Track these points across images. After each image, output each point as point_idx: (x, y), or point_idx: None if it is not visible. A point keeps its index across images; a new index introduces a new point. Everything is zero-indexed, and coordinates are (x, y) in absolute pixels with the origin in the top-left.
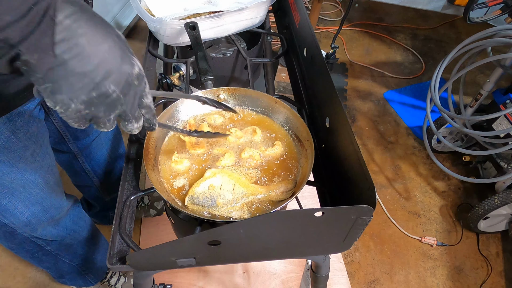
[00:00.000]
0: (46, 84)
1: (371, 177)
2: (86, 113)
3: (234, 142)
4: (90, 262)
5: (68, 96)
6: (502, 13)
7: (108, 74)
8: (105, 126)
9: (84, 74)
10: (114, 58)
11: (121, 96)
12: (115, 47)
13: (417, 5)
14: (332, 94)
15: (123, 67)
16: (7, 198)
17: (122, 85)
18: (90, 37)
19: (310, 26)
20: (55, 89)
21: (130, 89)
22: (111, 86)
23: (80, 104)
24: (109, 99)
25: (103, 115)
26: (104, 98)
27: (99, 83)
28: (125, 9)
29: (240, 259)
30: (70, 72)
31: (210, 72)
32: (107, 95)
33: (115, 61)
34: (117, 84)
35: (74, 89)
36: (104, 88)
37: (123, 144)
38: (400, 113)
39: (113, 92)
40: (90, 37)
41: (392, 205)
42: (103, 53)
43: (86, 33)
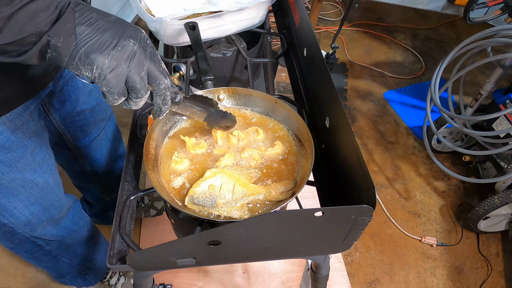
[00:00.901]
0: (79, 51)
1: (371, 177)
2: (119, 71)
3: (236, 143)
4: (90, 262)
5: (100, 53)
6: (502, 13)
7: (124, 33)
8: (141, 86)
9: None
10: (123, 24)
11: (142, 50)
12: (120, 19)
13: (417, 5)
14: (332, 94)
15: (133, 29)
16: (6, 198)
17: (139, 40)
18: (99, 13)
19: (310, 26)
20: (87, 51)
21: (147, 46)
22: (130, 40)
23: (112, 59)
24: (133, 53)
25: (135, 72)
26: (129, 52)
27: (120, 39)
28: (125, 9)
29: (240, 259)
30: (94, 36)
31: (210, 72)
32: (131, 49)
33: (125, 26)
34: (135, 39)
35: (102, 46)
36: (126, 42)
37: (123, 144)
38: (400, 113)
39: (134, 44)
40: (98, 13)
41: (392, 205)
42: (113, 21)
43: (95, 11)
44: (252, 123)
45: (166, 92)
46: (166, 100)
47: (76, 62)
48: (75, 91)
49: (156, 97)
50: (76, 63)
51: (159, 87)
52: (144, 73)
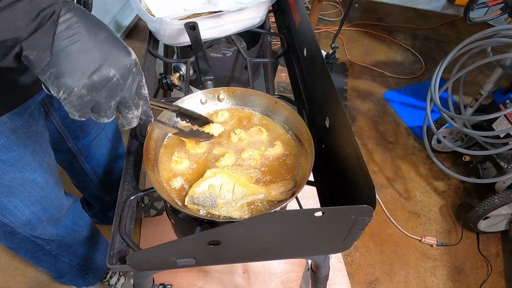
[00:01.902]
0: (51, 69)
1: (371, 177)
2: (88, 99)
3: (237, 143)
4: (90, 262)
5: (71, 79)
6: (502, 13)
7: (107, 59)
8: (106, 114)
9: (85, 58)
10: (113, 45)
11: (121, 81)
12: (112, 37)
13: (417, 5)
14: (332, 94)
15: (121, 53)
16: (7, 197)
17: (122, 70)
18: (89, 27)
19: (310, 26)
20: (58, 73)
21: (129, 75)
22: (111, 70)
23: (83, 88)
24: (110, 83)
25: (104, 101)
26: (105, 82)
27: (99, 67)
28: (125, 9)
29: (240, 259)
30: (72, 57)
31: (210, 72)
32: (108, 79)
33: (114, 48)
34: (117, 68)
35: (76, 72)
36: (105, 71)
37: (123, 144)
38: (400, 113)
39: (113, 76)
40: (89, 27)
41: (392, 205)
42: (102, 40)
43: (85, 24)
44: (252, 124)
45: (132, 120)
46: (131, 124)
47: (45, 78)
48: None
49: (122, 119)
50: (45, 79)
51: (126, 115)
52: (115, 103)
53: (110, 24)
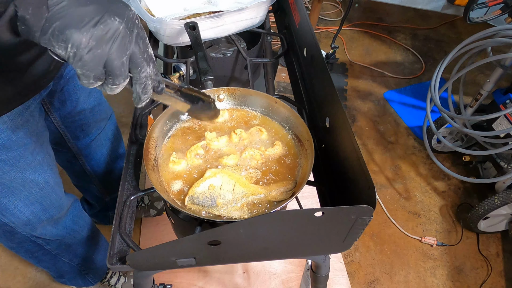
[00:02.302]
0: (53, 24)
1: (371, 177)
2: (99, 52)
3: (238, 143)
4: (90, 262)
5: (78, 29)
6: (502, 13)
7: (109, 9)
8: (120, 73)
9: (85, 9)
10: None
11: (127, 32)
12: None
13: (417, 5)
14: (332, 94)
15: (120, 4)
16: (7, 197)
17: (126, 19)
18: None
19: (310, 26)
20: (62, 25)
21: (134, 27)
22: (116, 18)
23: (91, 39)
24: (117, 32)
25: (116, 55)
26: (112, 32)
27: (103, 15)
28: None
29: (240, 259)
30: (71, 10)
31: (210, 72)
32: (115, 28)
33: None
34: (121, 17)
35: (81, 22)
36: (110, 20)
37: (123, 144)
38: (400, 113)
39: (119, 24)
40: None
41: (392, 205)
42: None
43: None
44: (252, 124)
45: (147, 81)
46: (147, 89)
47: (48, 36)
48: (76, 91)
49: (136, 84)
50: (48, 38)
51: (139, 75)
52: (126, 58)
53: None
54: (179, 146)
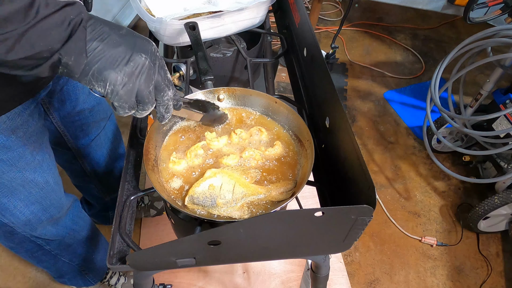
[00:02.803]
0: (92, 68)
1: (371, 177)
2: (131, 86)
3: (238, 143)
4: (90, 262)
5: (113, 70)
6: (502, 13)
7: (135, 47)
8: (149, 100)
9: (117, 51)
10: (134, 37)
11: (151, 64)
12: (130, 31)
13: (417, 5)
14: (332, 94)
15: (144, 42)
16: (6, 197)
17: (149, 54)
18: (110, 26)
19: (310, 26)
20: (99, 68)
21: (156, 59)
22: (142, 55)
23: (124, 75)
24: (144, 67)
25: (144, 86)
26: (141, 67)
27: (132, 54)
28: (125, 9)
29: (240, 259)
30: (106, 53)
31: (210, 72)
32: (142, 63)
33: (136, 38)
34: (146, 53)
35: (115, 63)
36: (138, 57)
37: (122, 144)
38: (400, 113)
39: (145, 60)
40: (110, 26)
41: (392, 205)
42: (124, 34)
43: (106, 24)
44: (252, 124)
45: (169, 103)
46: (169, 109)
47: (89, 78)
48: (75, 91)
49: (159, 106)
50: (89, 79)
51: (162, 98)
52: (152, 87)
53: None
54: (179, 146)
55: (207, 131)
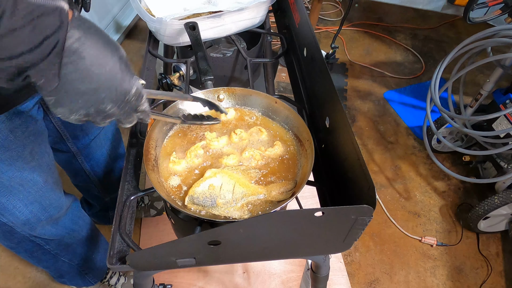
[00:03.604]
0: (50, 97)
1: (371, 177)
2: (84, 120)
3: (238, 143)
4: (89, 261)
5: (69, 110)
6: (502, 13)
7: (107, 95)
8: (101, 124)
9: (85, 93)
10: (114, 80)
11: (117, 111)
12: (116, 69)
13: (417, 5)
14: (332, 94)
15: (122, 87)
16: (5, 196)
17: (119, 103)
18: (94, 59)
19: (310, 26)
20: (57, 102)
21: (126, 105)
22: (109, 104)
23: (79, 115)
24: (106, 113)
25: (99, 121)
26: (101, 113)
27: (98, 102)
28: (125, 9)
29: (240, 259)
30: (72, 91)
31: (210, 72)
32: (105, 111)
33: (115, 83)
34: (115, 102)
35: (74, 106)
36: (102, 106)
37: (122, 144)
38: (400, 113)
39: (110, 108)
40: (94, 59)
41: (392, 205)
42: (104, 75)
43: (91, 55)
44: (252, 124)
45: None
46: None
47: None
48: None
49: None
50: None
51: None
52: (109, 121)
53: (110, 24)
54: (179, 146)
55: (207, 131)
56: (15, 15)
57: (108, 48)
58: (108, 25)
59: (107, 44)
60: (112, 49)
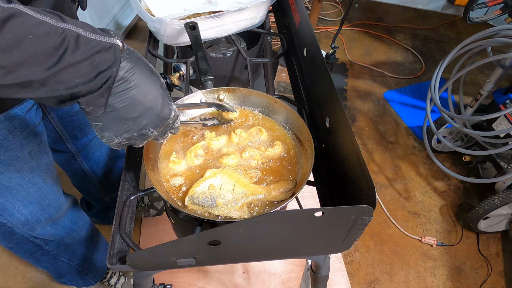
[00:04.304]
0: (97, 122)
1: (371, 177)
2: (125, 144)
3: (237, 143)
4: (89, 262)
5: (114, 134)
6: (502, 13)
7: (149, 121)
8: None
9: (130, 120)
10: (156, 107)
11: (156, 133)
12: (158, 96)
13: (417, 5)
14: (332, 94)
15: (163, 113)
16: (5, 197)
17: (160, 127)
18: (140, 88)
19: (310, 26)
20: (104, 127)
21: (165, 128)
22: (150, 129)
23: (123, 139)
24: (146, 136)
25: (139, 143)
26: (143, 136)
27: (141, 128)
28: (125, 9)
29: (240, 259)
30: (118, 118)
31: (210, 72)
32: (146, 135)
33: (157, 110)
34: (156, 127)
35: (119, 130)
36: (145, 131)
37: None
38: (400, 113)
39: (151, 133)
40: (140, 88)
41: (392, 205)
42: (148, 103)
43: (137, 85)
44: (252, 123)
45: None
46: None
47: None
48: None
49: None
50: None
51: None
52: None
53: (110, 24)
54: (179, 146)
55: (207, 131)
56: (76, 52)
57: (152, 78)
58: (108, 25)
59: (151, 74)
60: (155, 78)
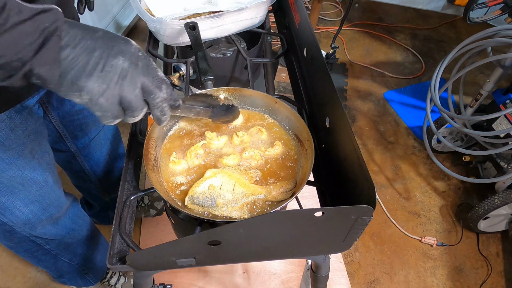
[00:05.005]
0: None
1: (371, 177)
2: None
3: (238, 143)
4: (89, 261)
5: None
6: (502, 13)
7: (112, 50)
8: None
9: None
10: (111, 39)
11: (132, 65)
12: (107, 32)
13: (417, 5)
14: (332, 94)
15: (121, 43)
16: (6, 196)
17: (128, 55)
18: (84, 31)
19: (310, 26)
20: (74, 77)
21: (138, 60)
22: (120, 57)
23: (102, 83)
24: (123, 70)
25: (127, 91)
26: (119, 71)
27: (107, 58)
28: (125, 9)
29: (240, 259)
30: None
31: (210, 72)
32: (121, 67)
33: (113, 40)
34: (124, 54)
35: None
36: (114, 61)
37: (122, 144)
38: (400, 113)
39: (124, 61)
40: (84, 31)
41: (392, 205)
42: (100, 37)
43: (80, 28)
44: (252, 124)
45: (162, 105)
46: (164, 111)
47: (64, 88)
48: None
49: (154, 109)
50: (64, 90)
51: (154, 101)
52: (139, 90)
53: (110, 24)
54: (179, 146)
55: (207, 130)
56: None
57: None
58: (108, 25)
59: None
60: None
